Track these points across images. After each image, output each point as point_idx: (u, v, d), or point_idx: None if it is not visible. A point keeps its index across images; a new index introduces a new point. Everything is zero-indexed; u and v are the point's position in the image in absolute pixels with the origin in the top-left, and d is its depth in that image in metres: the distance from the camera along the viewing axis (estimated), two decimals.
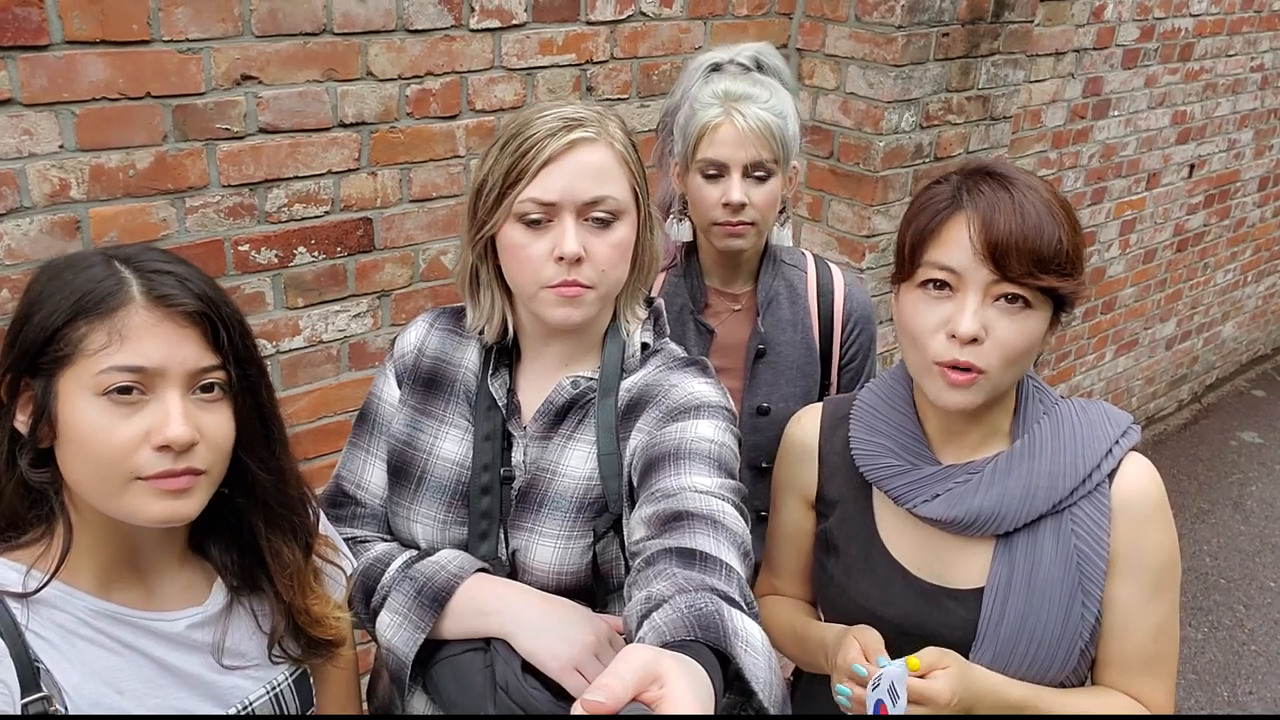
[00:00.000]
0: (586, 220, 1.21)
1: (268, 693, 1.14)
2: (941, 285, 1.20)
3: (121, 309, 0.96)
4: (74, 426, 0.96)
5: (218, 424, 1.02)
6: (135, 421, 0.96)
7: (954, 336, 1.18)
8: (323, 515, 1.26)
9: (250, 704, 1.13)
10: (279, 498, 1.11)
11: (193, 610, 1.10)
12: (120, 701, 1.02)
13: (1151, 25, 3.92)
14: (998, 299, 1.18)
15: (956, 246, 1.19)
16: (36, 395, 0.97)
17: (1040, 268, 1.16)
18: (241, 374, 1.03)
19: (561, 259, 1.19)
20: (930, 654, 1.21)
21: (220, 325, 1.00)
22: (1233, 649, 3.64)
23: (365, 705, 1.47)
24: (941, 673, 1.18)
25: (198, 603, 1.11)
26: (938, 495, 1.28)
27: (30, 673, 0.96)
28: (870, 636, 1.26)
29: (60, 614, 1.01)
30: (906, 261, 1.25)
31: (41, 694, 0.96)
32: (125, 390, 0.96)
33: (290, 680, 1.17)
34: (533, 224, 1.20)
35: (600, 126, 1.22)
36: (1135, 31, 3.86)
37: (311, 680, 1.21)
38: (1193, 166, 4.53)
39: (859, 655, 1.23)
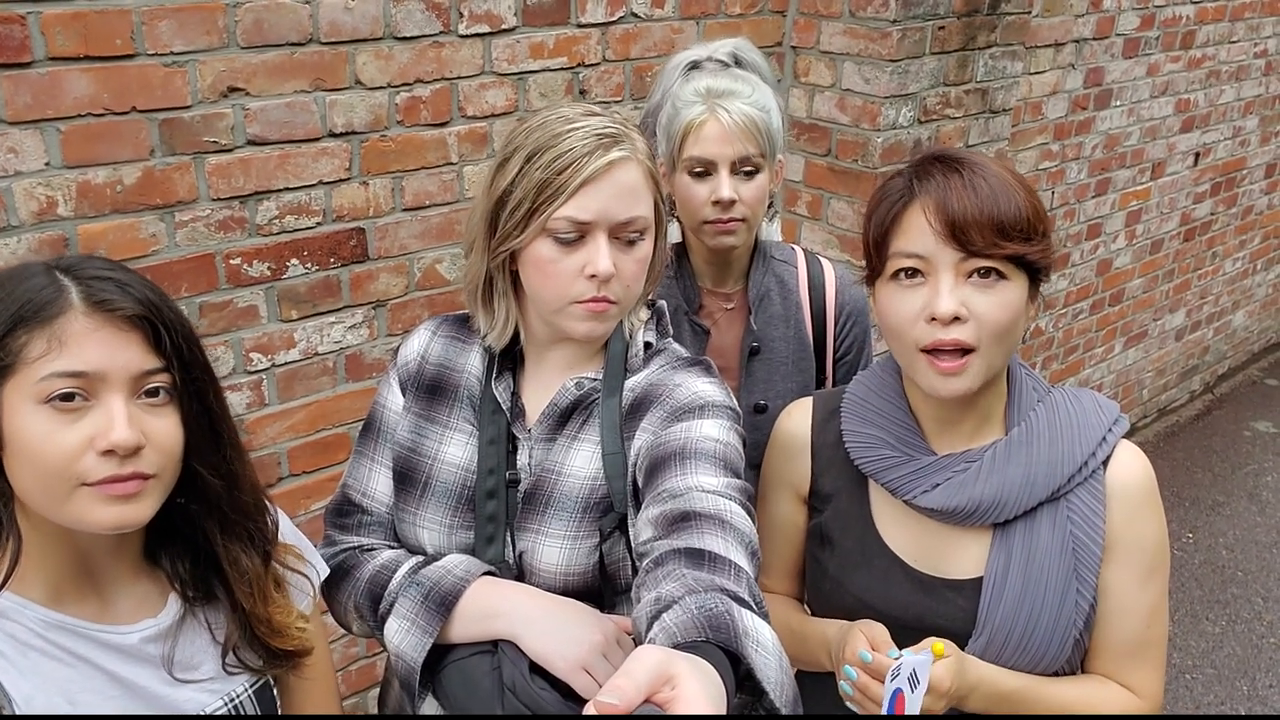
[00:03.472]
0: (617, 238, 1.22)
1: (225, 704, 1.14)
2: (913, 273, 1.22)
3: (61, 316, 0.96)
4: (18, 435, 0.96)
5: (164, 428, 1.01)
6: (79, 428, 0.96)
7: (935, 319, 1.19)
8: (287, 521, 1.25)
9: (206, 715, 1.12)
10: (232, 504, 1.10)
11: (147, 622, 1.10)
12: (74, 713, 1.02)
13: (1152, 14, 3.89)
14: (970, 275, 1.20)
15: (918, 233, 1.21)
16: None
17: (1002, 236, 1.18)
18: (187, 378, 1.03)
19: (594, 276, 1.20)
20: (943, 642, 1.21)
21: (162, 328, 1.00)
22: (1252, 642, 3.59)
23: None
24: (942, 661, 1.19)
25: (153, 615, 1.11)
26: (937, 485, 1.28)
27: None
28: (877, 630, 1.25)
29: (12, 625, 1.01)
30: (875, 258, 1.28)
31: None
32: (67, 397, 0.96)
33: (250, 691, 1.16)
34: (563, 239, 1.20)
35: (631, 143, 1.22)
36: (1135, 20, 3.83)
37: (274, 690, 1.20)
38: (1198, 155, 4.50)
39: (867, 649, 1.22)
